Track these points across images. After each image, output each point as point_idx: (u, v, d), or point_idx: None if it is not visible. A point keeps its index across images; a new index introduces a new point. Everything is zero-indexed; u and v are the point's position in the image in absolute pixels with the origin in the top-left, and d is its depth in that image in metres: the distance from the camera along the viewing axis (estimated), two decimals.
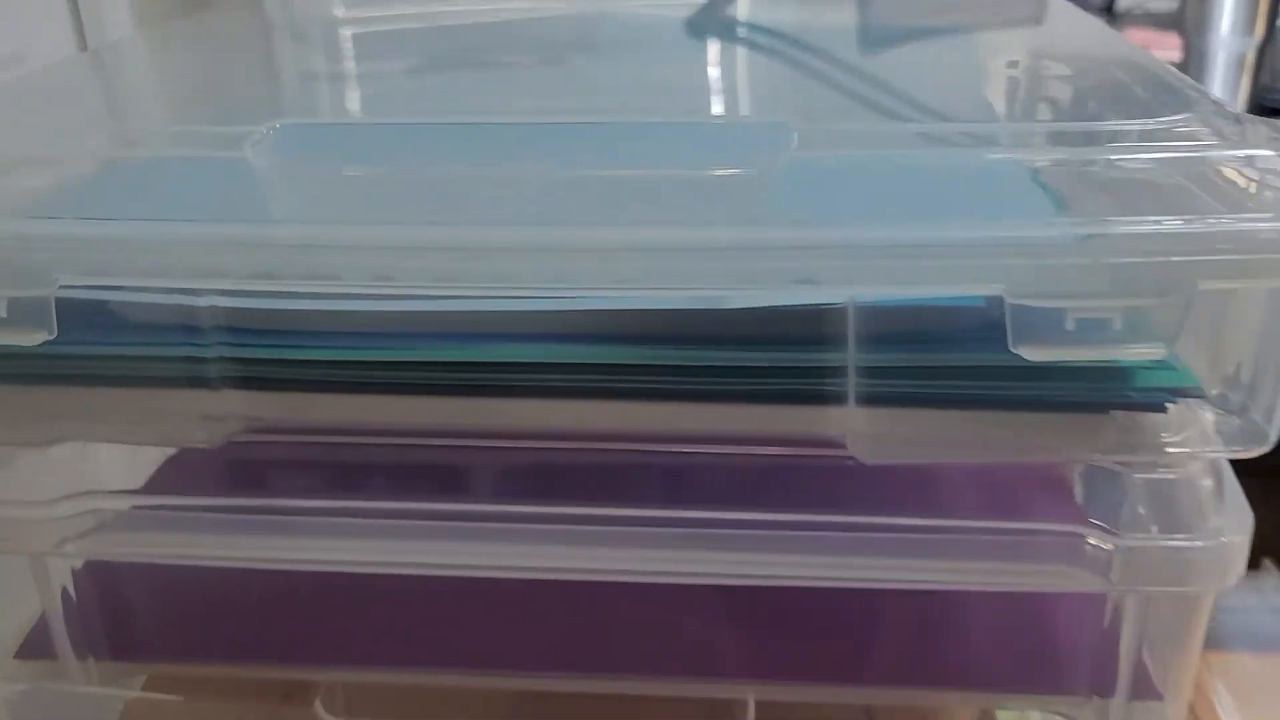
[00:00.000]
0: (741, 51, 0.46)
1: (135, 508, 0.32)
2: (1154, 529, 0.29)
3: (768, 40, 0.45)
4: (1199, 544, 0.29)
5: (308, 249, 0.27)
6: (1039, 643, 0.34)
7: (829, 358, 0.29)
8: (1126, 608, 0.31)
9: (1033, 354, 0.26)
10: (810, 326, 0.28)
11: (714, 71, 0.44)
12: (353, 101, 0.43)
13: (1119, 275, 0.26)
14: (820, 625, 0.34)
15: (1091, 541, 0.29)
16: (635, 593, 0.32)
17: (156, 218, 0.28)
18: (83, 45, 0.64)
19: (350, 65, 0.47)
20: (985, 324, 0.27)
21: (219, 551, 0.32)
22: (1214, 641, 0.45)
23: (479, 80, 0.44)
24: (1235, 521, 0.29)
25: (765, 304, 0.28)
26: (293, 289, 0.28)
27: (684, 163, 0.28)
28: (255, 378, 0.31)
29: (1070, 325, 0.26)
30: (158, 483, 0.35)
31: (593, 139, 0.30)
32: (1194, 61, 0.84)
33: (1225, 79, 0.78)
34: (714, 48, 0.47)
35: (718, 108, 0.39)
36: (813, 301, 0.28)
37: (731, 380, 0.30)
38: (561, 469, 0.32)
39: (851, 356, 0.28)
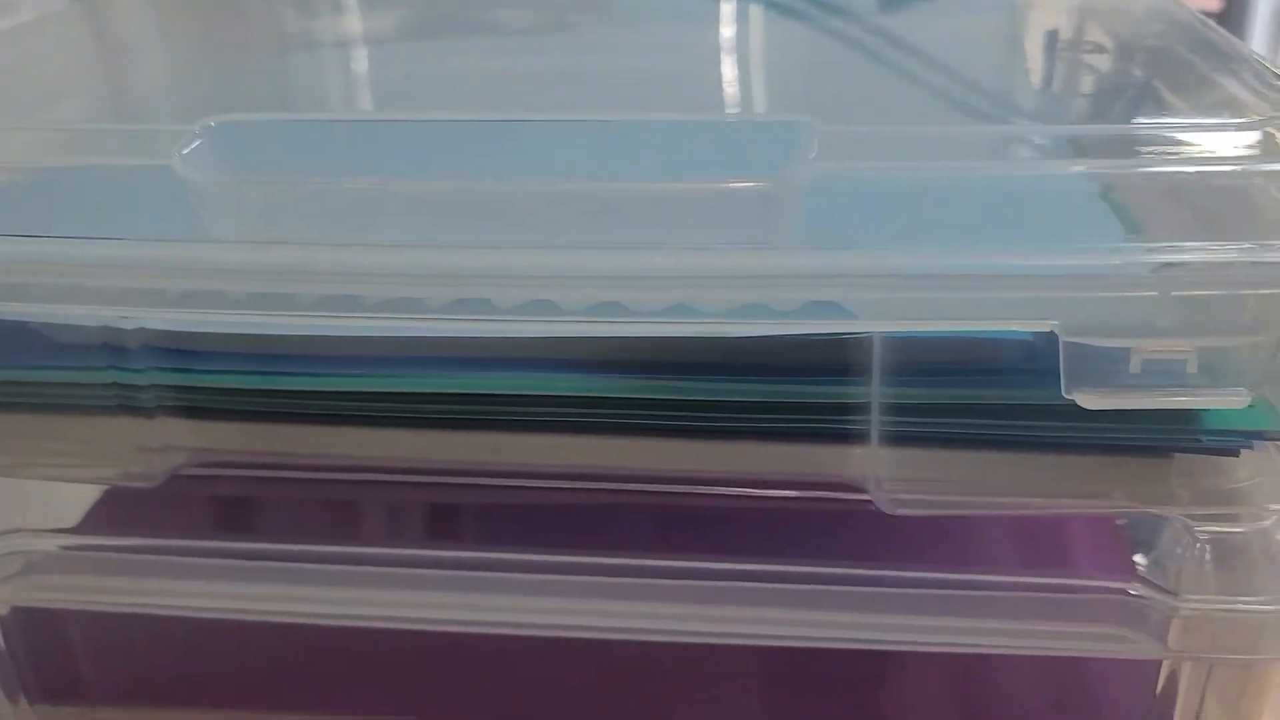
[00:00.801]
0: (766, 13, 0.41)
1: (66, 548, 0.29)
2: (1219, 590, 0.26)
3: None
4: (1271, 608, 0.25)
5: (248, 275, 0.23)
6: (1080, 714, 0.30)
7: (849, 392, 0.25)
8: (1182, 677, 0.27)
9: (1090, 400, 0.23)
10: (828, 356, 0.25)
11: (731, 45, 0.39)
12: (312, 82, 0.38)
13: (1193, 310, 0.22)
14: (834, 690, 0.31)
15: (1146, 602, 0.26)
16: (626, 649, 0.28)
17: (73, 235, 0.24)
18: None
19: (322, 26, 0.43)
20: (1028, 356, 0.24)
21: (160, 600, 0.28)
22: None
23: (464, 50, 0.40)
24: None
25: (776, 332, 0.25)
26: (230, 317, 0.24)
27: (689, 172, 0.24)
28: (199, 406, 0.27)
29: (1135, 368, 0.23)
30: (92, 521, 0.31)
31: (587, 141, 0.26)
32: (1233, 13, 0.79)
33: (1266, 32, 0.73)
34: (733, 9, 0.42)
35: (732, 97, 0.34)
36: (832, 330, 0.24)
37: (737, 416, 0.26)
38: (546, 512, 0.29)
39: (875, 391, 0.25)
